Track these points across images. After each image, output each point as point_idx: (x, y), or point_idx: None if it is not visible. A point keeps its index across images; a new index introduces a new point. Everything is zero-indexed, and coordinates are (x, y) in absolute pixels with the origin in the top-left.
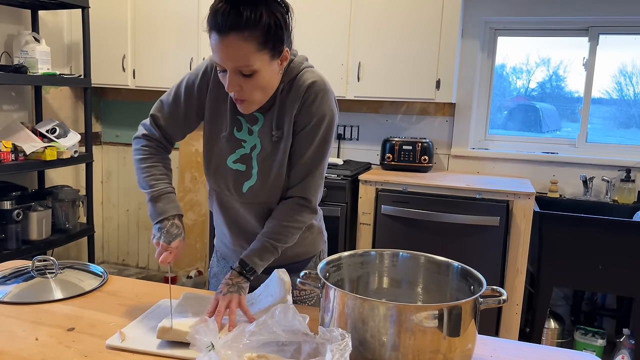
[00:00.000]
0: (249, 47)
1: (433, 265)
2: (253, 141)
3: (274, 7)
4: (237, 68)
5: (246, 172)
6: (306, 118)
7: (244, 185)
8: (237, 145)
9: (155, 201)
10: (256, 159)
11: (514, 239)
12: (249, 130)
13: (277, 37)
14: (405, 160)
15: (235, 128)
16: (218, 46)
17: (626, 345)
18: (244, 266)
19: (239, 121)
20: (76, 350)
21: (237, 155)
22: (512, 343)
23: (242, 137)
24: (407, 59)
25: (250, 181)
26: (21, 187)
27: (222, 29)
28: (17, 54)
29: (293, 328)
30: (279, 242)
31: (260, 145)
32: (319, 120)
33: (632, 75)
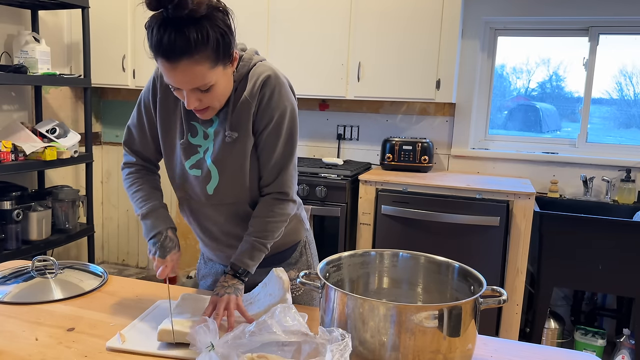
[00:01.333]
0: (203, 68)
1: (433, 265)
2: (207, 144)
3: (215, 18)
4: (194, 88)
5: (205, 176)
6: (267, 116)
7: (207, 188)
8: (192, 152)
9: (145, 218)
10: (211, 162)
11: (514, 239)
12: (205, 134)
13: (226, 48)
14: (405, 160)
15: (190, 134)
16: (170, 73)
17: (626, 345)
18: (237, 269)
19: (194, 127)
20: (76, 350)
21: (193, 160)
22: (512, 343)
23: (198, 142)
24: (407, 59)
25: (213, 183)
26: (21, 187)
27: (172, 57)
28: (17, 54)
29: (293, 328)
30: (266, 239)
31: (212, 148)
32: (281, 115)
33: (632, 75)
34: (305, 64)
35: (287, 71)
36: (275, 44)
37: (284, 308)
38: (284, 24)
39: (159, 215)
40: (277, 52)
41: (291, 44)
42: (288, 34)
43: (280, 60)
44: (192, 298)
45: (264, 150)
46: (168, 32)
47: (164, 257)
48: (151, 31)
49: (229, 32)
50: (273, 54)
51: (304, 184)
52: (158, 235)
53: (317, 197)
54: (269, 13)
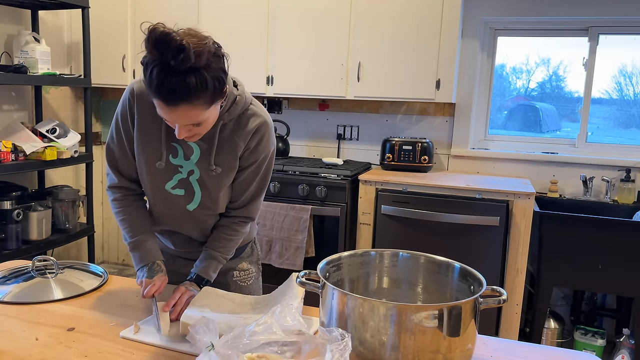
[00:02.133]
0: (199, 110)
1: (433, 265)
2: (190, 167)
3: (212, 62)
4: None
5: (187, 196)
6: (253, 156)
7: (188, 206)
8: (174, 172)
9: (133, 251)
10: (197, 183)
11: (514, 239)
12: (185, 155)
13: (221, 89)
14: (405, 160)
15: (171, 155)
16: (167, 114)
17: (626, 345)
18: (200, 281)
19: (174, 148)
20: (76, 350)
21: (175, 181)
22: (512, 343)
23: (179, 162)
24: (407, 59)
25: (195, 202)
26: (21, 187)
27: (171, 102)
28: (17, 54)
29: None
30: (227, 254)
31: (199, 173)
32: (264, 157)
33: (632, 75)
34: (305, 64)
35: (287, 71)
36: (275, 44)
37: (284, 308)
38: (284, 24)
39: (147, 248)
40: (277, 52)
41: (291, 44)
42: (288, 34)
43: (280, 60)
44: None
45: (242, 182)
46: (169, 79)
47: (152, 278)
48: (150, 72)
49: (224, 76)
50: (273, 54)
51: (304, 184)
52: (145, 266)
53: (317, 197)
54: (269, 13)
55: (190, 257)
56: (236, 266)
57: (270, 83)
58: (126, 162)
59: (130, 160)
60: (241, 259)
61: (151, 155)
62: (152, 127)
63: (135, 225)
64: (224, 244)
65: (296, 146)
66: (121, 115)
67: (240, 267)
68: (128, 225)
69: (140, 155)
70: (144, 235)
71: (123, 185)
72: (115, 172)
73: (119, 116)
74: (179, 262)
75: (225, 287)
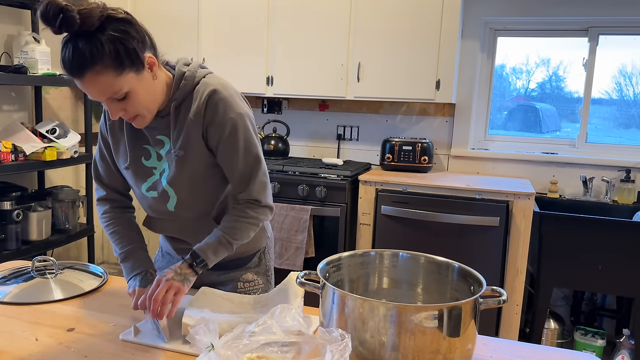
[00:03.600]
0: (107, 77)
1: (433, 266)
2: (162, 166)
3: (110, 27)
4: (110, 97)
5: (162, 197)
6: (218, 131)
7: (167, 206)
8: (148, 174)
9: (123, 262)
10: (166, 182)
11: (514, 239)
12: (158, 155)
13: (129, 54)
14: (405, 160)
15: (143, 157)
16: (82, 87)
17: (626, 346)
18: (195, 258)
19: (146, 150)
20: (76, 351)
21: (149, 183)
22: (512, 343)
23: (152, 164)
24: (407, 59)
25: (172, 201)
26: (21, 188)
27: (74, 73)
28: (17, 54)
29: (293, 328)
30: (235, 237)
31: (167, 168)
32: (232, 127)
33: (632, 75)
34: (305, 64)
35: (287, 71)
36: (275, 44)
37: (284, 308)
38: (284, 24)
39: (138, 257)
40: (277, 52)
41: (291, 44)
42: (288, 34)
43: (280, 60)
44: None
45: (225, 162)
46: (67, 50)
47: (145, 287)
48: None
49: (128, 39)
50: (273, 54)
51: (304, 184)
52: (138, 274)
53: (317, 197)
54: (269, 13)
55: None
56: (240, 277)
57: (270, 83)
58: (109, 173)
59: (113, 171)
60: (247, 269)
61: (123, 161)
62: (119, 133)
63: (124, 236)
64: (231, 224)
65: (296, 146)
66: (101, 128)
67: (245, 277)
68: (118, 237)
69: (117, 162)
70: (134, 246)
71: (110, 197)
72: (100, 184)
73: (100, 130)
74: None
75: None
